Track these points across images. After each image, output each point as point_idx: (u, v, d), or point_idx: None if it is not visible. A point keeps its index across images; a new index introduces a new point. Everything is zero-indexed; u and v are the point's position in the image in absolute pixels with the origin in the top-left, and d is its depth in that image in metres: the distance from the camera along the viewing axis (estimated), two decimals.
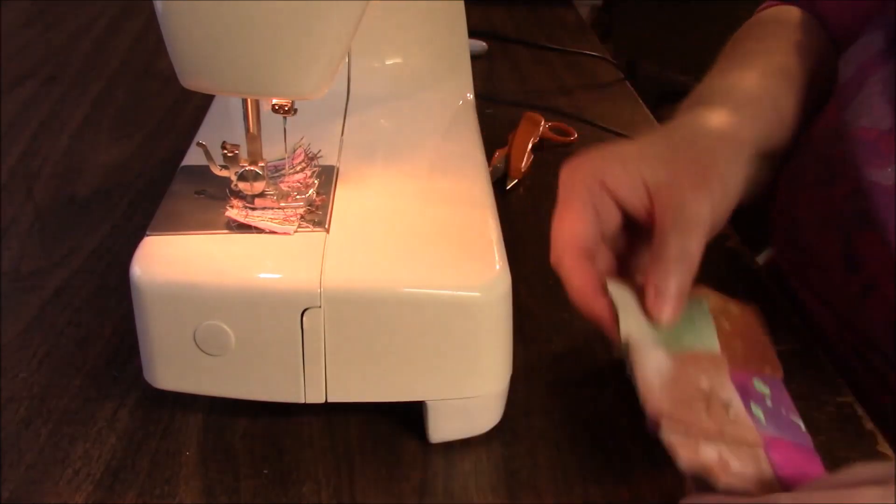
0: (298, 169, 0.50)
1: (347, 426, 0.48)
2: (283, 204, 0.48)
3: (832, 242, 0.58)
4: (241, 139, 0.48)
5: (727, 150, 0.51)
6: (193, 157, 0.53)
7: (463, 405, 0.46)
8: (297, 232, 0.47)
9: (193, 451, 0.47)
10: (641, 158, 0.48)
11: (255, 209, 0.48)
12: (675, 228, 0.46)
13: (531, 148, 0.78)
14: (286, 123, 0.50)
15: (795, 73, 0.60)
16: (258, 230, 0.47)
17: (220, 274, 0.44)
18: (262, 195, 0.48)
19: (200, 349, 0.44)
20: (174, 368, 0.46)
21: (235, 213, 0.48)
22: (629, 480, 0.46)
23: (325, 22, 0.43)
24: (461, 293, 0.44)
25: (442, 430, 0.47)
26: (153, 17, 0.42)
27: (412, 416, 0.48)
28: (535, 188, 0.74)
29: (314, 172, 0.51)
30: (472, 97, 0.66)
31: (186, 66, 0.43)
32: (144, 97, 0.90)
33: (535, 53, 1.06)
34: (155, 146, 0.79)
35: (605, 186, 0.47)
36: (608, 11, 2.21)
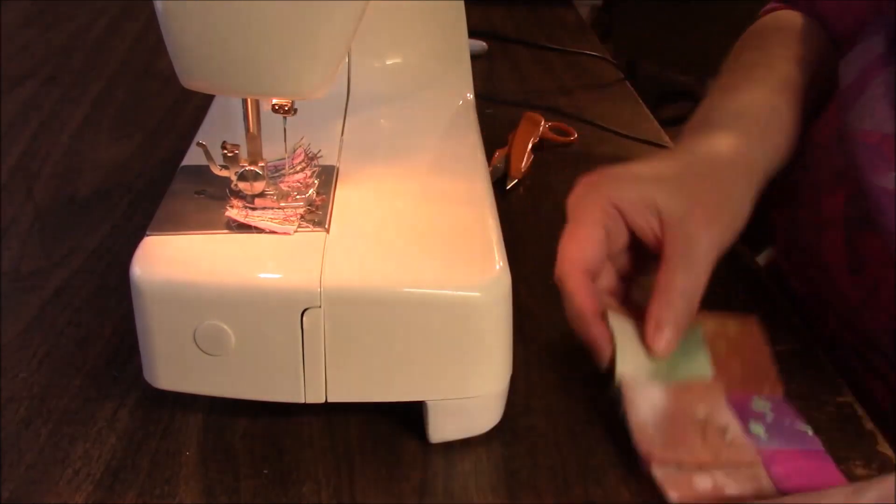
0: (298, 169, 0.50)
1: (347, 426, 0.48)
2: (283, 204, 0.48)
3: (834, 244, 0.58)
4: (241, 139, 0.48)
5: (741, 180, 0.53)
6: (193, 157, 0.53)
7: (463, 405, 0.46)
8: (297, 232, 0.47)
9: (193, 451, 0.47)
10: (657, 183, 0.49)
11: (255, 209, 0.48)
12: (682, 264, 0.47)
13: (531, 148, 0.78)
14: (286, 123, 0.50)
15: (799, 85, 0.61)
16: (258, 230, 0.47)
17: (220, 274, 0.44)
18: (262, 195, 0.48)
19: (200, 349, 0.44)
20: (174, 368, 0.46)
21: (235, 213, 0.48)
22: (629, 480, 0.46)
23: (325, 22, 0.42)
24: (461, 293, 0.44)
25: (442, 430, 0.47)
26: (153, 17, 0.42)
27: (412, 416, 0.47)
28: (535, 188, 0.74)
29: (314, 172, 0.51)
30: (472, 97, 0.66)
31: (186, 66, 0.43)
32: (144, 97, 0.90)
33: (535, 53, 1.06)
34: (155, 146, 0.79)
35: (619, 209, 0.49)
36: (608, 11, 2.21)
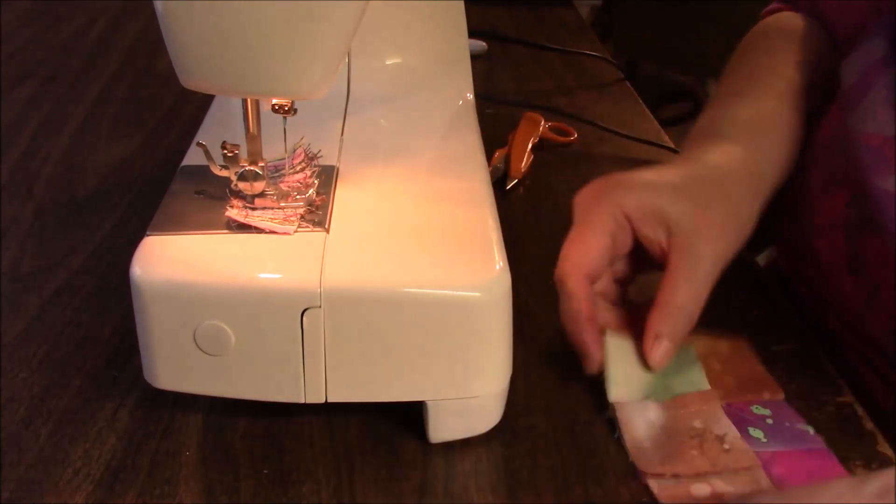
0: (298, 169, 0.50)
1: (347, 426, 0.48)
2: (283, 204, 0.48)
3: (835, 245, 0.58)
4: (241, 139, 0.48)
5: (749, 194, 0.53)
6: (193, 157, 0.53)
7: (463, 405, 0.46)
8: (297, 232, 0.47)
9: (193, 451, 0.47)
10: (667, 193, 0.50)
11: (255, 209, 0.48)
12: (685, 279, 0.48)
13: (531, 148, 0.78)
14: (286, 123, 0.50)
15: (803, 89, 0.62)
16: (258, 230, 0.47)
17: (220, 274, 0.44)
18: (262, 195, 0.48)
19: (200, 349, 0.44)
20: (174, 368, 0.46)
21: (235, 213, 0.48)
22: (629, 480, 0.46)
23: (325, 22, 0.42)
24: (461, 293, 0.44)
25: (442, 430, 0.47)
26: (153, 17, 0.42)
27: (412, 416, 0.47)
28: (535, 188, 0.74)
29: (314, 172, 0.51)
30: (472, 97, 0.66)
31: (186, 66, 0.43)
32: (144, 97, 0.90)
33: (535, 53, 1.06)
34: (155, 146, 0.79)
35: (628, 217, 0.49)
36: (608, 11, 2.21)
